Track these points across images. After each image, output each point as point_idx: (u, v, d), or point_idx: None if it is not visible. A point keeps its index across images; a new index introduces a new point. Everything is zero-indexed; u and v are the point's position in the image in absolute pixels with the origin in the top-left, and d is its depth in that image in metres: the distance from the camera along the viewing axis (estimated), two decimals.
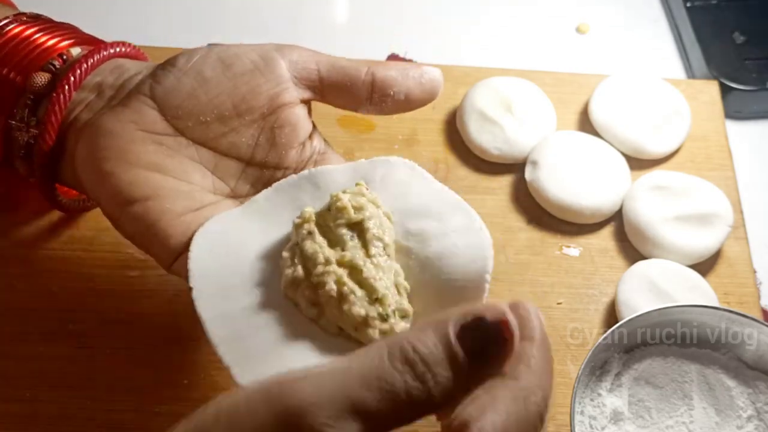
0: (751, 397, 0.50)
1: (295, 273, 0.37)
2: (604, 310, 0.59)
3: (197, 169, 0.41)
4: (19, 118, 0.43)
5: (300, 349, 0.36)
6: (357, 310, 0.35)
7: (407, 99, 0.42)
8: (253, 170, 0.42)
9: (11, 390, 0.53)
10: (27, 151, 0.43)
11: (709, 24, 0.75)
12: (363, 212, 0.38)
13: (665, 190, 0.62)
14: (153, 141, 0.40)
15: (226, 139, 0.41)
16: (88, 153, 0.40)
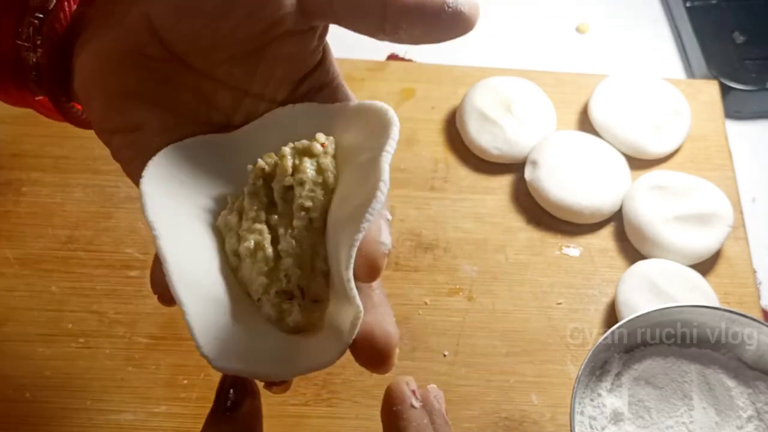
0: (751, 398, 0.50)
1: (229, 216, 0.36)
2: (604, 310, 0.59)
3: (191, 98, 0.38)
4: (25, 37, 0.40)
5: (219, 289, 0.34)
6: (262, 279, 0.34)
7: (424, 34, 0.36)
8: (251, 101, 0.39)
9: (11, 390, 0.54)
10: (37, 72, 0.41)
11: (709, 24, 0.75)
12: (297, 176, 0.35)
13: (665, 190, 0.62)
14: (146, 66, 0.37)
15: (224, 67, 0.38)
16: (82, 73, 0.38)
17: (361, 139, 0.36)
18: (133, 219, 0.61)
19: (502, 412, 0.54)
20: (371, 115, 0.36)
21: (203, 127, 0.39)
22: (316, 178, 0.35)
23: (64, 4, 0.40)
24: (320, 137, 0.36)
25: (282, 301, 0.33)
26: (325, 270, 0.34)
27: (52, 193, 0.62)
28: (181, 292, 0.32)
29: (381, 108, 0.36)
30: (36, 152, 0.64)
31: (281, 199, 0.36)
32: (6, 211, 0.61)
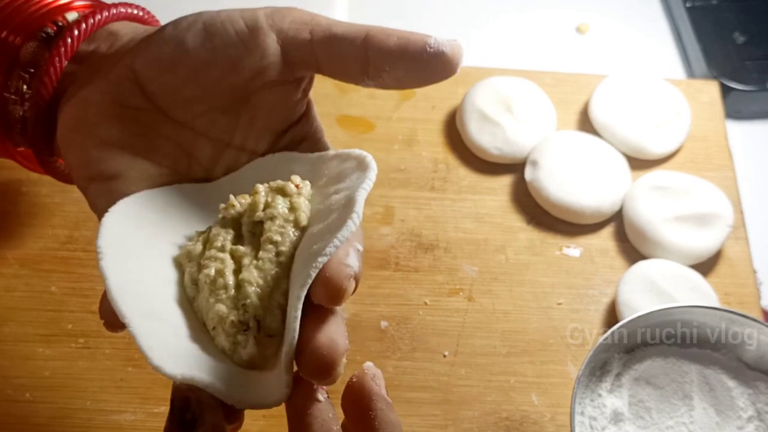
0: (751, 398, 0.50)
1: (193, 246, 0.35)
2: (604, 310, 0.59)
3: (171, 150, 0.38)
4: (13, 90, 0.41)
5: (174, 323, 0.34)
6: (219, 307, 0.33)
7: (407, 77, 0.36)
8: (232, 153, 0.39)
9: (11, 390, 0.53)
10: (23, 125, 0.41)
11: (709, 24, 0.75)
12: (268, 211, 0.35)
13: (665, 190, 0.62)
14: (128, 116, 0.37)
15: (205, 118, 0.38)
16: (65, 123, 0.38)
17: (337, 183, 0.36)
18: None
19: (502, 412, 0.54)
20: (349, 161, 0.37)
21: (182, 178, 0.39)
22: (288, 216, 0.35)
23: (55, 60, 0.40)
24: (295, 179, 0.36)
25: (237, 332, 0.33)
26: (283, 305, 0.34)
27: (51, 193, 0.62)
28: (123, 305, 0.32)
29: (359, 155, 0.36)
30: None
31: (249, 232, 0.36)
32: (5, 211, 0.61)
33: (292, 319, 0.31)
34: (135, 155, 0.38)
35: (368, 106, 0.68)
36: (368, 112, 0.67)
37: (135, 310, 0.32)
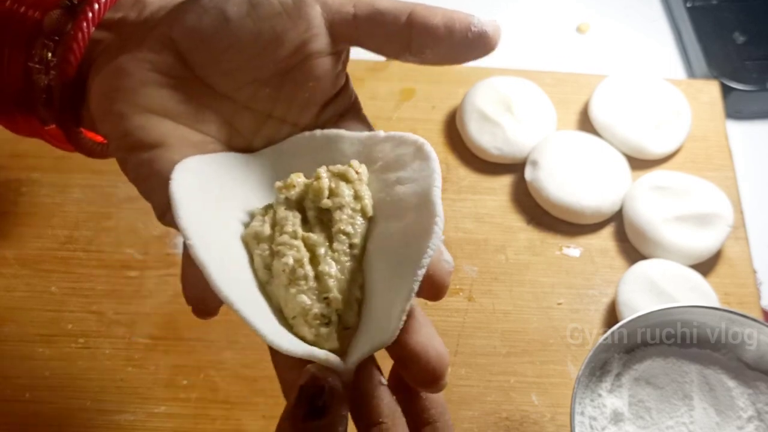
0: (751, 398, 0.50)
1: (261, 227, 0.35)
2: (604, 310, 0.59)
3: (213, 119, 0.37)
4: (38, 60, 0.40)
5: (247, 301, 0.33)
6: (303, 298, 0.33)
7: (449, 55, 0.38)
8: (273, 124, 0.38)
9: (11, 390, 0.53)
10: (48, 95, 0.40)
11: (709, 24, 0.75)
12: (336, 200, 0.35)
13: (665, 190, 0.62)
14: (168, 84, 0.36)
15: (247, 89, 0.37)
16: (100, 92, 0.37)
17: (397, 171, 0.36)
18: (132, 219, 0.61)
19: (503, 412, 0.54)
20: (404, 146, 0.36)
21: (223, 148, 0.38)
22: (354, 205, 0.35)
23: (83, 25, 0.39)
24: (355, 164, 0.36)
25: (320, 325, 0.33)
26: (359, 298, 0.34)
27: (51, 193, 0.62)
28: (226, 290, 0.31)
29: (416, 140, 0.36)
30: (35, 152, 0.64)
31: (316, 218, 0.35)
32: (5, 212, 0.61)
33: (393, 327, 0.31)
34: (176, 123, 0.37)
35: (368, 106, 0.67)
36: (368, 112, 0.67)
37: (236, 296, 0.31)
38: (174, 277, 0.59)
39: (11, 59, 0.40)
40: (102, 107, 0.37)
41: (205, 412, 0.54)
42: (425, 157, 0.35)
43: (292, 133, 0.38)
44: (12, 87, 0.40)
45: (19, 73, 0.40)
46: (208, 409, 0.54)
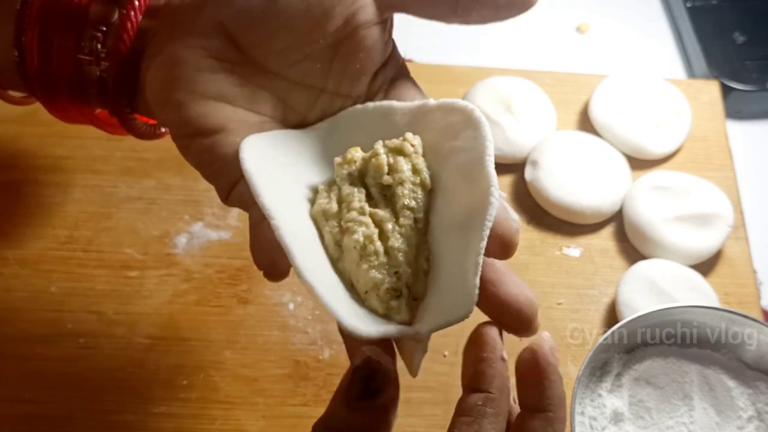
0: (751, 398, 0.50)
1: (328, 204, 0.36)
2: (604, 310, 0.59)
3: (268, 99, 0.38)
4: (87, 51, 0.40)
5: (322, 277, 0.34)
6: (374, 274, 0.34)
7: (493, 13, 0.40)
8: (326, 98, 0.39)
9: (11, 390, 0.53)
10: (101, 86, 0.41)
11: (709, 24, 0.75)
12: (396, 176, 0.35)
13: (665, 190, 0.62)
14: (222, 69, 0.37)
15: (299, 66, 0.37)
16: (157, 82, 0.38)
17: (450, 140, 0.36)
18: (132, 219, 0.61)
19: None
20: (454, 114, 0.36)
21: (280, 125, 0.39)
22: (414, 179, 0.36)
23: (131, 14, 0.40)
24: (409, 137, 0.36)
25: (391, 298, 0.34)
26: (426, 270, 0.35)
27: (51, 194, 0.62)
28: (309, 275, 0.32)
29: (465, 107, 0.36)
30: (36, 152, 0.64)
31: (380, 194, 0.36)
32: (5, 212, 0.61)
33: (470, 302, 0.32)
34: (234, 106, 0.37)
35: None
36: None
37: (317, 281, 0.32)
38: (174, 277, 0.59)
39: (60, 50, 0.40)
40: (159, 97, 0.38)
41: (205, 412, 0.54)
42: (476, 125, 0.35)
43: (344, 106, 0.39)
44: (64, 78, 0.41)
45: (70, 64, 0.40)
46: (208, 409, 0.54)
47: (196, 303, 0.58)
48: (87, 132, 0.66)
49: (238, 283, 0.59)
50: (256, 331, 0.57)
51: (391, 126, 0.38)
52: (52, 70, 0.41)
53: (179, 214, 0.62)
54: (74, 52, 0.40)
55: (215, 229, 0.61)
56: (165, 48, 0.38)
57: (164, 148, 0.66)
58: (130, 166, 0.64)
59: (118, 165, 0.64)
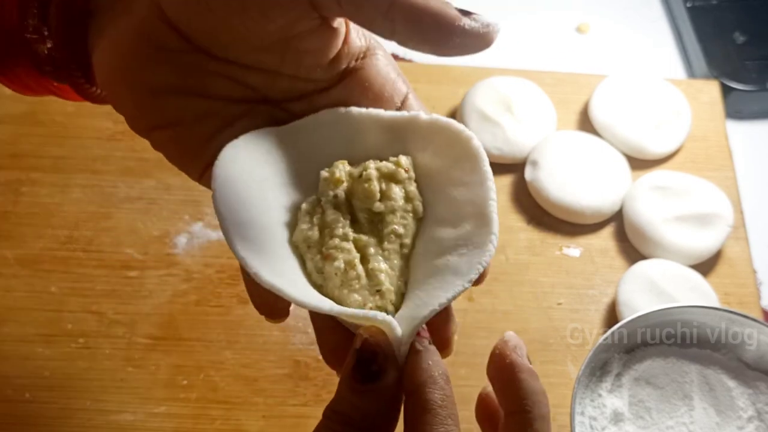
0: (751, 398, 0.50)
1: (310, 231, 0.35)
2: (604, 310, 0.59)
3: (223, 83, 0.37)
4: (32, 30, 0.38)
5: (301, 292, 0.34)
6: (356, 297, 0.34)
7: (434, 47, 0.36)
8: (286, 80, 0.37)
9: (11, 390, 0.53)
10: (53, 62, 0.39)
11: (709, 24, 0.75)
12: (388, 203, 0.35)
13: (665, 190, 0.62)
14: (169, 60, 0.36)
15: (251, 56, 0.36)
16: (103, 72, 0.37)
17: (446, 167, 0.36)
18: (132, 219, 0.61)
19: None
20: (450, 138, 0.36)
21: (240, 106, 0.37)
22: (405, 206, 0.35)
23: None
24: (403, 162, 0.36)
25: None
26: (403, 291, 0.35)
27: (51, 193, 0.62)
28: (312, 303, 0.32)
29: (461, 133, 0.35)
30: (35, 152, 0.64)
31: (367, 220, 0.36)
32: (5, 212, 0.61)
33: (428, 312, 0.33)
34: (186, 95, 0.36)
35: None
36: None
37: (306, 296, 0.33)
38: (174, 277, 0.59)
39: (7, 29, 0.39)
40: (108, 88, 0.37)
41: (205, 412, 0.54)
42: (475, 158, 0.35)
43: (307, 88, 0.38)
44: (17, 56, 0.40)
45: (18, 43, 0.39)
46: (208, 409, 0.54)
47: (196, 303, 0.58)
48: (87, 132, 0.67)
49: (238, 283, 0.59)
50: (256, 331, 0.57)
51: (377, 135, 0.37)
52: (3, 50, 0.39)
53: (179, 214, 0.62)
54: (20, 31, 0.39)
55: (215, 229, 0.61)
56: (107, 28, 0.36)
57: None
58: (130, 166, 0.64)
59: (118, 165, 0.64)
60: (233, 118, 0.37)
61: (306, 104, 0.38)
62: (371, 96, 0.38)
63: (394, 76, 0.39)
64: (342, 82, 0.38)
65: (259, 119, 0.38)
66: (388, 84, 0.38)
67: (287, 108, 0.38)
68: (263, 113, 0.38)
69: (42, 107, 0.67)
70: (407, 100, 0.39)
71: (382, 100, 0.38)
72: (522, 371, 0.34)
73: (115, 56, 0.36)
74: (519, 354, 0.35)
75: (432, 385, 0.32)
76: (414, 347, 0.33)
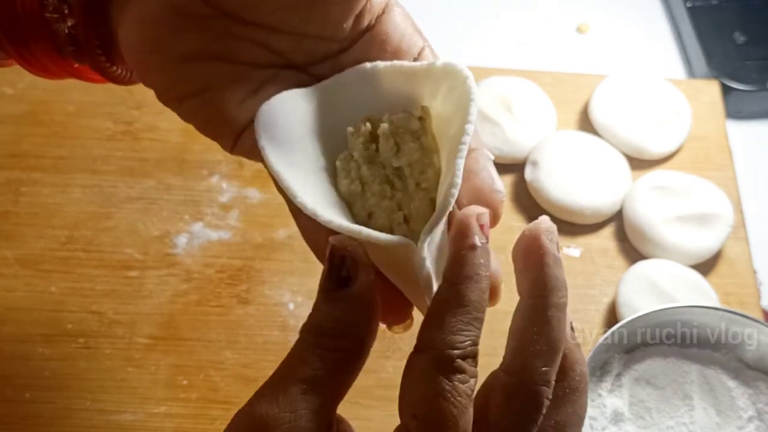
0: (751, 398, 0.50)
1: (352, 186, 0.36)
2: (604, 310, 0.59)
3: (249, 48, 0.37)
4: (52, 9, 0.39)
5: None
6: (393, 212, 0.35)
7: None
8: (311, 42, 0.38)
9: (11, 390, 0.53)
10: (74, 42, 0.39)
11: (709, 24, 0.75)
12: (403, 159, 0.36)
13: (666, 190, 0.62)
14: (195, 26, 0.36)
15: (275, 16, 0.36)
16: (131, 45, 0.37)
17: (451, 111, 0.36)
18: (132, 219, 0.61)
19: None
20: (455, 80, 0.36)
21: (267, 70, 0.38)
22: (423, 159, 0.36)
23: None
24: (416, 112, 0.36)
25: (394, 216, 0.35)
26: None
27: (51, 194, 0.62)
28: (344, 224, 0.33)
29: (460, 73, 0.35)
30: (35, 152, 0.64)
31: (395, 175, 0.36)
32: (5, 212, 0.61)
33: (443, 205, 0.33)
34: (216, 61, 0.37)
35: None
36: None
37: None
38: (174, 277, 0.59)
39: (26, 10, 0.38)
40: (137, 61, 0.37)
41: (205, 412, 0.54)
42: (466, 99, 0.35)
43: (331, 48, 0.38)
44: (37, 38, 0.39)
45: (39, 23, 0.39)
46: (208, 409, 0.54)
47: (196, 303, 0.58)
48: (87, 132, 0.67)
49: (238, 283, 0.59)
50: (256, 331, 0.57)
51: (401, 87, 0.37)
52: (22, 31, 0.39)
53: (179, 214, 0.62)
54: (40, 10, 0.38)
55: (215, 229, 0.61)
56: (131, 3, 0.36)
57: (164, 148, 0.66)
58: (130, 166, 0.64)
59: (118, 165, 0.64)
60: (260, 82, 0.37)
61: (330, 65, 0.38)
62: (390, 50, 0.38)
63: (411, 31, 0.39)
64: (362, 38, 0.38)
65: (286, 84, 0.38)
66: (406, 37, 0.38)
67: (312, 72, 0.38)
68: (289, 78, 0.38)
69: (42, 107, 0.67)
70: (423, 51, 0.39)
71: (400, 52, 0.38)
72: (547, 255, 0.34)
73: (143, 27, 0.36)
74: (549, 239, 0.34)
75: (474, 284, 0.32)
76: (470, 242, 0.32)
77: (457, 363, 0.30)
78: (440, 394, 0.29)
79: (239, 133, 0.37)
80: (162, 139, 0.66)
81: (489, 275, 0.33)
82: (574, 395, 0.33)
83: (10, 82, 0.67)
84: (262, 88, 0.38)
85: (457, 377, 0.30)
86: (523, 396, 0.31)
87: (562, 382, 0.33)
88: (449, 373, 0.30)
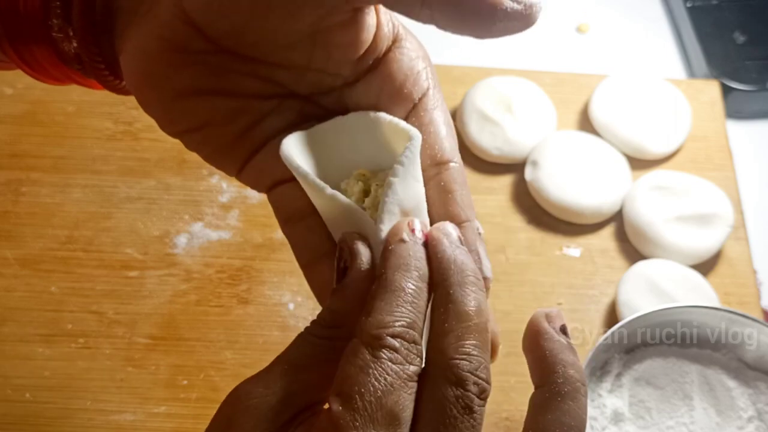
0: (751, 398, 0.50)
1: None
2: (604, 310, 0.59)
3: (250, 80, 0.37)
4: (57, 29, 0.38)
5: None
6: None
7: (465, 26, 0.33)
8: (314, 75, 0.37)
9: (11, 390, 0.53)
10: (80, 60, 0.39)
11: (709, 24, 0.75)
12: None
13: (666, 190, 0.62)
14: (196, 62, 0.35)
15: (278, 54, 0.36)
16: (131, 76, 0.37)
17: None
18: (132, 219, 0.61)
19: (503, 412, 0.54)
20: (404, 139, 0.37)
21: (269, 101, 0.37)
22: None
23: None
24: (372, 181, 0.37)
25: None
26: None
27: (51, 193, 0.62)
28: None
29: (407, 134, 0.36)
30: (35, 152, 0.64)
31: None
32: (5, 212, 0.61)
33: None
34: (215, 96, 0.36)
35: None
36: None
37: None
38: (174, 277, 0.59)
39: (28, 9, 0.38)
40: (137, 93, 0.37)
41: (205, 412, 0.54)
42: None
43: (335, 83, 0.37)
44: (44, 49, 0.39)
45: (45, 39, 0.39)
46: (208, 409, 0.54)
47: (196, 303, 0.58)
48: (87, 132, 0.67)
49: (238, 283, 0.59)
50: (256, 331, 0.57)
51: (399, 142, 0.37)
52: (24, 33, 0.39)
53: (179, 214, 0.62)
54: (46, 30, 0.38)
55: (215, 229, 0.61)
56: (131, 34, 0.36)
57: (164, 148, 0.66)
58: (130, 166, 0.64)
59: (118, 165, 0.64)
60: (263, 114, 0.37)
61: (335, 98, 0.38)
62: (388, 92, 0.37)
63: (419, 69, 0.38)
64: (368, 74, 0.37)
65: (289, 114, 0.38)
66: (410, 79, 0.37)
67: (316, 101, 0.38)
68: (292, 107, 0.38)
69: (42, 107, 0.67)
70: (425, 96, 0.38)
71: (400, 96, 0.37)
72: (548, 341, 0.33)
73: (140, 62, 0.36)
74: (551, 323, 0.33)
75: (404, 272, 0.31)
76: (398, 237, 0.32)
77: (386, 339, 0.29)
78: (362, 368, 0.28)
79: (242, 164, 0.37)
80: (162, 139, 0.65)
81: (427, 271, 0.32)
82: (555, 401, 0.31)
83: (10, 82, 0.67)
84: (265, 119, 0.37)
85: (384, 353, 0.29)
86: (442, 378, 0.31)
87: (542, 387, 0.32)
88: (375, 349, 0.29)
